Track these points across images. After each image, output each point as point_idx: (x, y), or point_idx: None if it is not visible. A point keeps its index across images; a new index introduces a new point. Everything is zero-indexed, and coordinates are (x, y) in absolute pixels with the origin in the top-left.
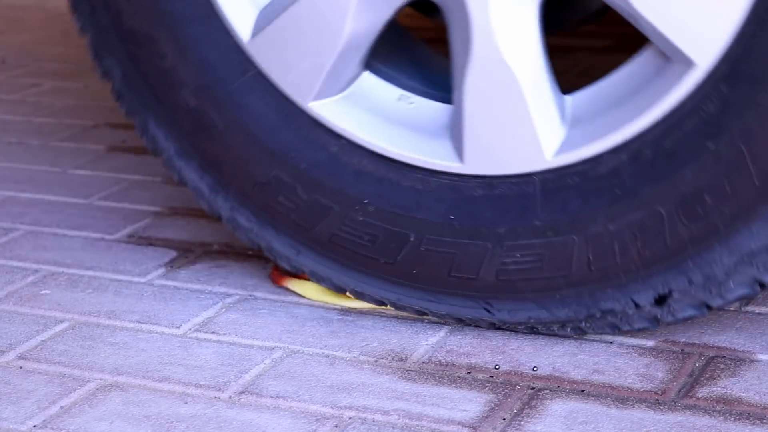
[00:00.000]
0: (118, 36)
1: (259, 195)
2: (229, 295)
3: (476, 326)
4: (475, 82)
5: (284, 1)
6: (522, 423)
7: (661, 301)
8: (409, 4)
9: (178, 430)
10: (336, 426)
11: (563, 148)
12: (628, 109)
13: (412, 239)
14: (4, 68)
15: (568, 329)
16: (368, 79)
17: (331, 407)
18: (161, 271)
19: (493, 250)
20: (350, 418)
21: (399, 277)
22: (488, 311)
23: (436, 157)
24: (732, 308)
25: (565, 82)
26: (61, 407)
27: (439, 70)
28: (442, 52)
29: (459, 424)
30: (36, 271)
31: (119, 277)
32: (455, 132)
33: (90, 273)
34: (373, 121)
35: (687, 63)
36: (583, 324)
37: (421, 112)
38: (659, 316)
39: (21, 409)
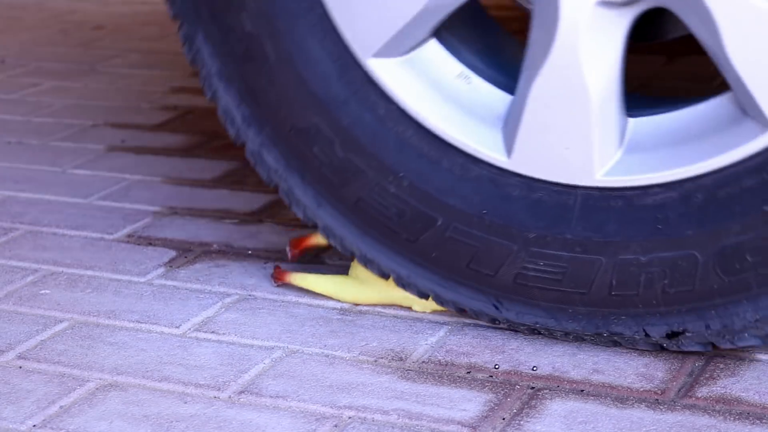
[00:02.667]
0: None
1: (293, 139)
2: (229, 295)
3: (476, 325)
4: (545, 82)
5: None
6: (522, 423)
7: (672, 335)
8: None
9: (178, 430)
10: (335, 426)
11: (615, 170)
12: (690, 150)
13: (439, 223)
14: (4, 68)
15: (570, 337)
16: (433, 47)
17: (331, 407)
18: (161, 270)
19: (517, 252)
20: (350, 417)
21: (416, 255)
22: (497, 308)
23: (483, 145)
24: None
25: None
26: (61, 407)
27: (508, 55)
28: (517, 39)
29: (459, 423)
30: (35, 270)
31: (119, 276)
32: (509, 124)
33: (89, 273)
34: (428, 92)
35: (764, 122)
36: (588, 337)
37: (478, 95)
38: (664, 345)
39: (21, 409)
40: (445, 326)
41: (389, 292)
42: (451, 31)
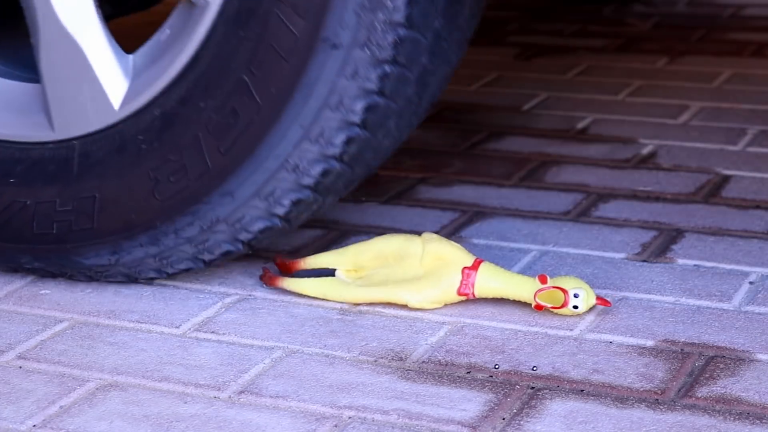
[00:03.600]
0: None
1: None
2: (229, 295)
3: (476, 325)
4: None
5: None
6: (521, 423)
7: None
8: None
9: (178, 430)
10: (335, 425)
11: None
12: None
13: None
14: None
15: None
16: None
17: (331, 407)
18: None
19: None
20: (350, 417)
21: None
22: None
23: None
24: (732, 308)
25: (566, 82)
26: (61, 407)
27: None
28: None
29: (459, 423)
30: None
31: (118, 279)
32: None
33: None
34: None
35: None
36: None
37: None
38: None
39: (21, 409)
40: (445, 326)
41: (380, 289)
42: None
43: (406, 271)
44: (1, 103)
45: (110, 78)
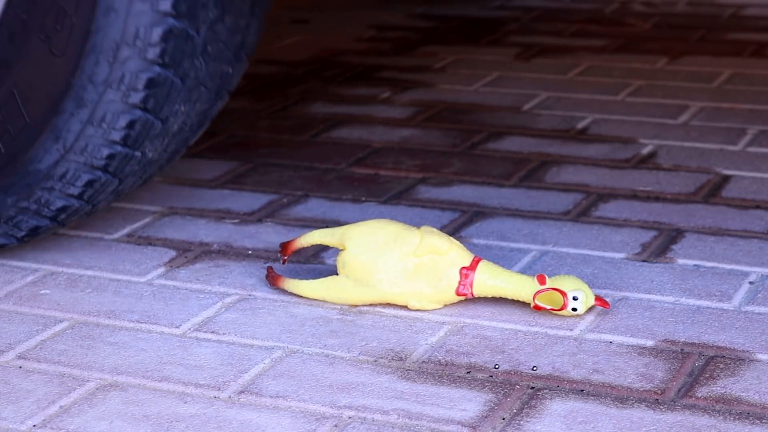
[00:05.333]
0: None
1: None
2: (229, 295)
3: (476, 325)
4: None
5: None
6: (521, 422)
7: None
8: None
9: (178, 430)
10: (335, 425)
11: None
12: None
13: None
14: None
15: None
16: None
17: (331, 407)
18: (160, 270)
19: None
20: (350, 417)
21: None
22: None
23: None
24: (732, 308)
25: (566, 82)
26: (61, 407)
27: None
28: None
29: (459, 423)
30: (35, 270)
31: (118, 276)
32: None
33: (89, 273)
34: None
35: None
36: None
37: None
38: None
39: (21, 409)
40: (445, 326)
41: (382, 290)
42: None
43: (398, 259)
44: None
45: None
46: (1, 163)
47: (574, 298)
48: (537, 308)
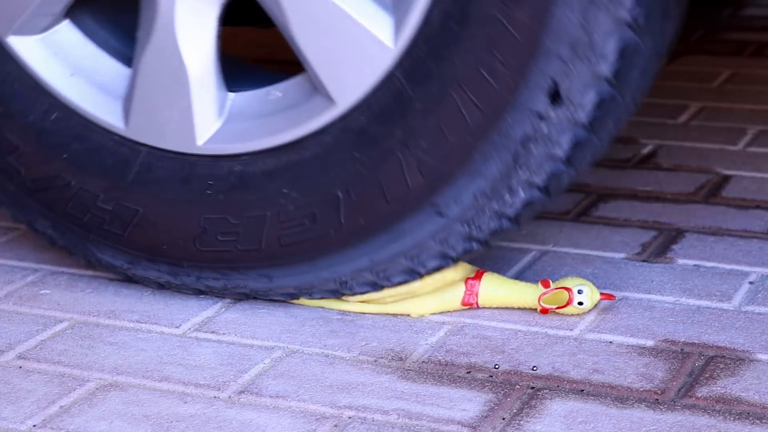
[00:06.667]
0: None
1: None
2: None
3: (476, 325)
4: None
5: None
6: (521, 423)
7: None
8: None
9: (178, 430)
10: (335, 425)
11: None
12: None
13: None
14: None
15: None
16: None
17: (331, 407)
18: None
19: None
20: (350, 417)
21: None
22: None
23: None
24: (732, 308)
25: None
26: (61, 407)
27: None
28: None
29: (459, 423)
30: (36, 270)
31: (118, 276)
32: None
33: (90, 273)
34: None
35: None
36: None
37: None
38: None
39: (21, 409)
40: (445, 326)
41: (380, 305)
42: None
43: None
44: (95, 80)
45: (203, 112)
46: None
47: (579, 292)
48: (544, 311)
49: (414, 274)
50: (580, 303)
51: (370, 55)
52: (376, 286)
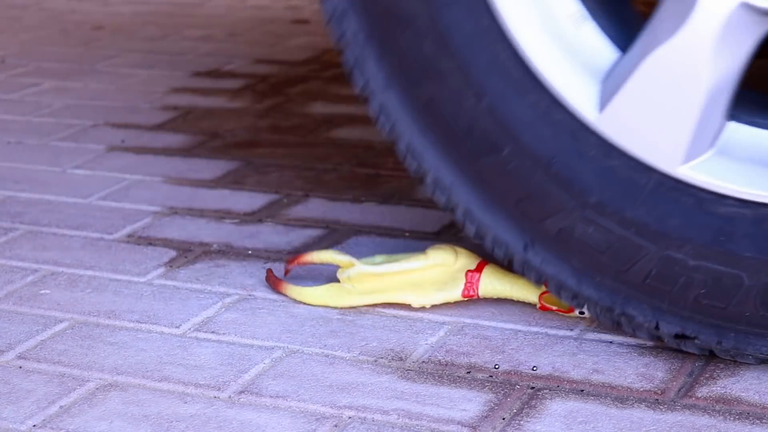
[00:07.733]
0: None
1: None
2: (229, 295)
3: (476, 325)
4: (663, 58)
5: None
6: (522, 423)
7: (680, 337)
8: None
9: (178, 430)
10: (335, 425)
11: (699, 168)
12: None
13: (504, 153)
14: (4, 68)
15: (574, 299)
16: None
17: (331, 407)
18: (161, 270)
19: (571, 210)
20: (350, 417)
21: (471, 171)
22: (525, 248)
23: (575, 92)
24: None
25: None
26: (61, 407)
27: (629, 11)
28: None
29: (459, 423)
30: (35, 270)
31: (119, 276)
32: (610, 81)
33: (89, 273)
34: (535, 21)
35: None
36: (595, 308)
37: (585, 41)
38: (665, 341)
39: (20, 409)
40: (445, 326)
41: (384, 293)
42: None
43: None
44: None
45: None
46: None
47: None
48: (543, 308)
49: None
50: (582, 312)
51: None
52: None
